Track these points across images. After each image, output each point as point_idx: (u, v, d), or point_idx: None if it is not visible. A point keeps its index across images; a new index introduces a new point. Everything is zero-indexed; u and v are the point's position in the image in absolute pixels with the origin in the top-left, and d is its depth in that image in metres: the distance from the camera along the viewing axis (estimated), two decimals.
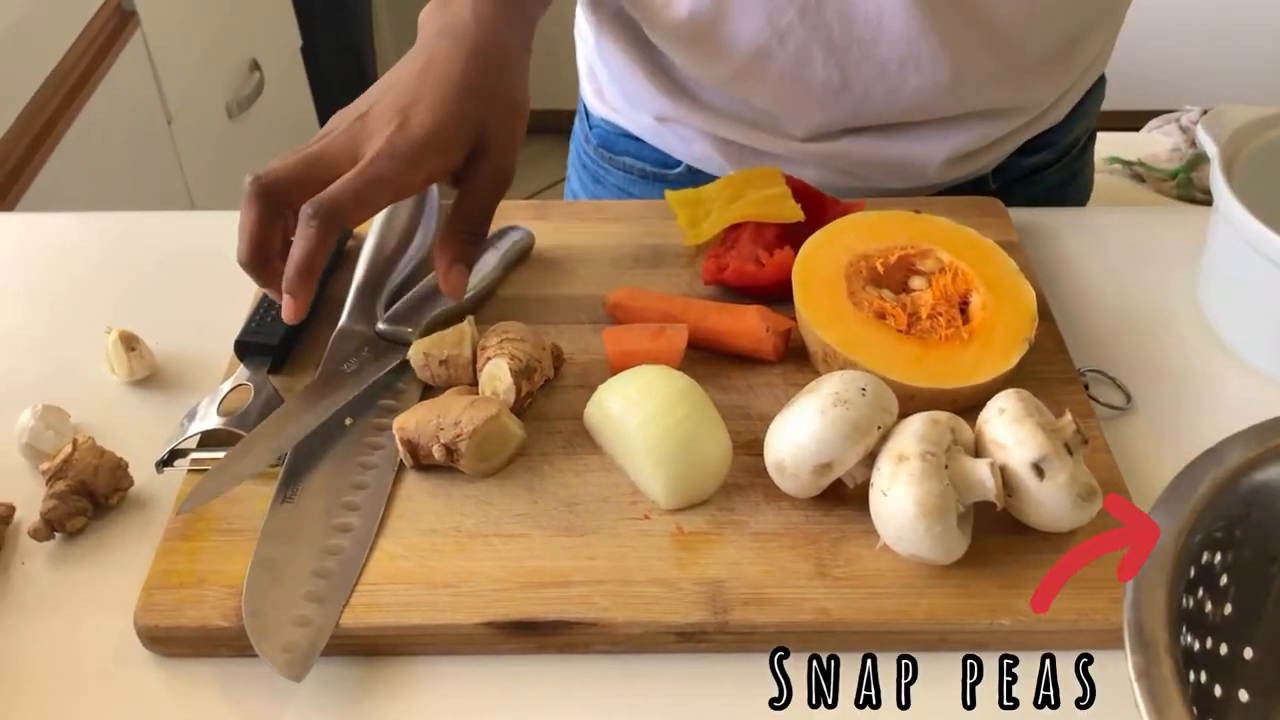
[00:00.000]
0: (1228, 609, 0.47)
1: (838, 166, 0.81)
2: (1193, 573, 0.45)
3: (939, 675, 0.54)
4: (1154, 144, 1.51)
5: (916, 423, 0.55)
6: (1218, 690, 0.46)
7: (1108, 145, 1.51)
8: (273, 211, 0.59)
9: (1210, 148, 0.71)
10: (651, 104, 0.84)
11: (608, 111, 0.89)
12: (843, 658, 0.54)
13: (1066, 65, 0.81)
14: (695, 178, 0.86)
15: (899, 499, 0.53)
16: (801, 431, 0.56)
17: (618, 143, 0.89)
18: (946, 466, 0.54)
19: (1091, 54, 0.83)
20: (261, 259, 0.59)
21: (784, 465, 0.57)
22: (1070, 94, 0.85)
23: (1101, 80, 0.90)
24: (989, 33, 0.75)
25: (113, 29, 1.48)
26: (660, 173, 0.88)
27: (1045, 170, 0.89)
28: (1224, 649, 0.47)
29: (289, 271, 0.58)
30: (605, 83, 0.88)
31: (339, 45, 2.30)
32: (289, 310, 0.59)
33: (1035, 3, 0.74)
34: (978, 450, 0.57)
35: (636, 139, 0.87)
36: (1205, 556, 0.46)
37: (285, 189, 0.59)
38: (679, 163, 0.87)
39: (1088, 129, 0.92)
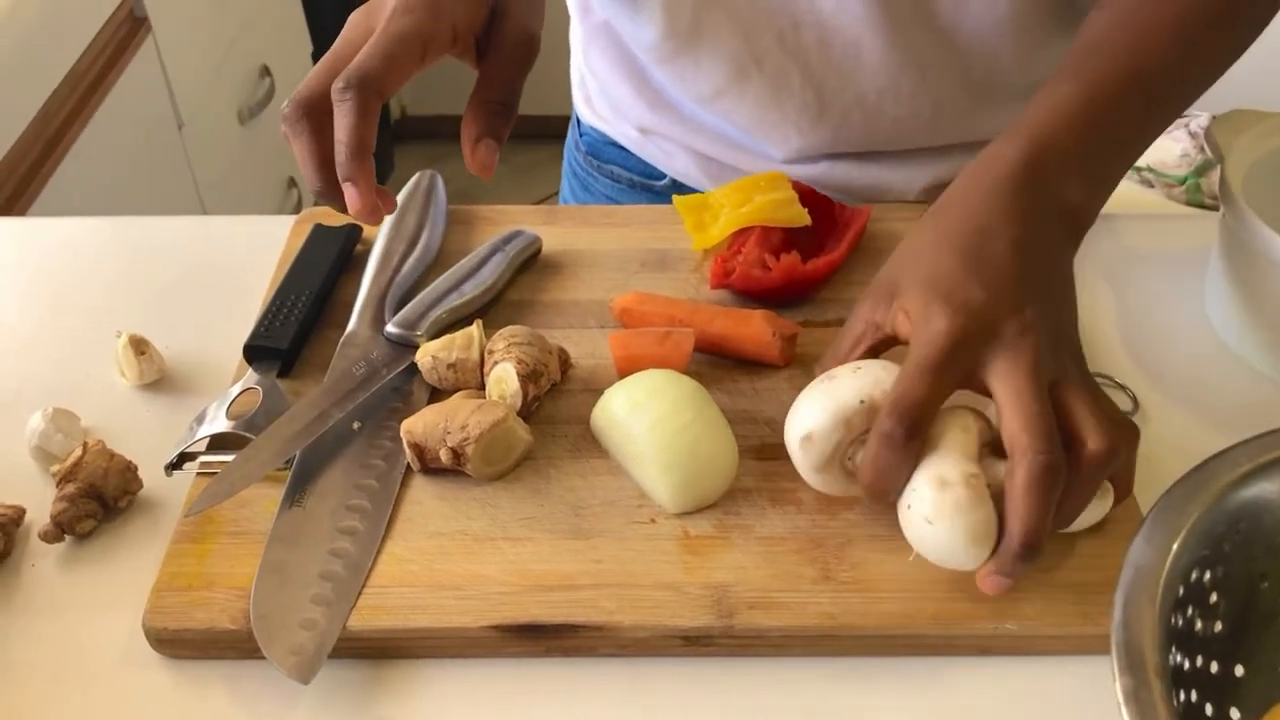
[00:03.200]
0: (1218, 626, 0.47)
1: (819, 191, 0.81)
2: (1181, 591, 0.44)
3: (945, 679, 0.54)
4: (1163, 149, 1.51)
5: (951, 436, 0.53)
6: (1209, 709, 0.46)
7: None
8: (320, 125, 0.56)
9: (1219, 152, 0.70)
10: (635, 115, 0.84)
11: (596, 120, 0.89)
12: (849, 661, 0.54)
13: None
14: (680, 190, 0.86)
15: (947, 530, 0.51)
16: (794, 409, 0.56)
17: (605, 151, 0.90)
18: (989, 485, 0.53)
19: None
20: (332, 179, 0.56)
21: (790, 445, 0.56)
22: None
23: None
24: (969, 68, 0.75)
25: (125, 35, 1.49)
26: (646, 183, 0.88)
27: None
28: (1215, 667, 0.47)
29: (339, 157, 0.54)
30: (594, 92, 0.89)
31: None
32: (354, 202, 0.54)
33: (1018, 40, 0.73)
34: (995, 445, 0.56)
35: (623, 149, 0.88)
36: (1195, 574, 0.45)
37: (319, 95, 0.56)
38: (664, 175, 0.87)
39: None
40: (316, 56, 2.15)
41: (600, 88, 0.87)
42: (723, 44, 0.74)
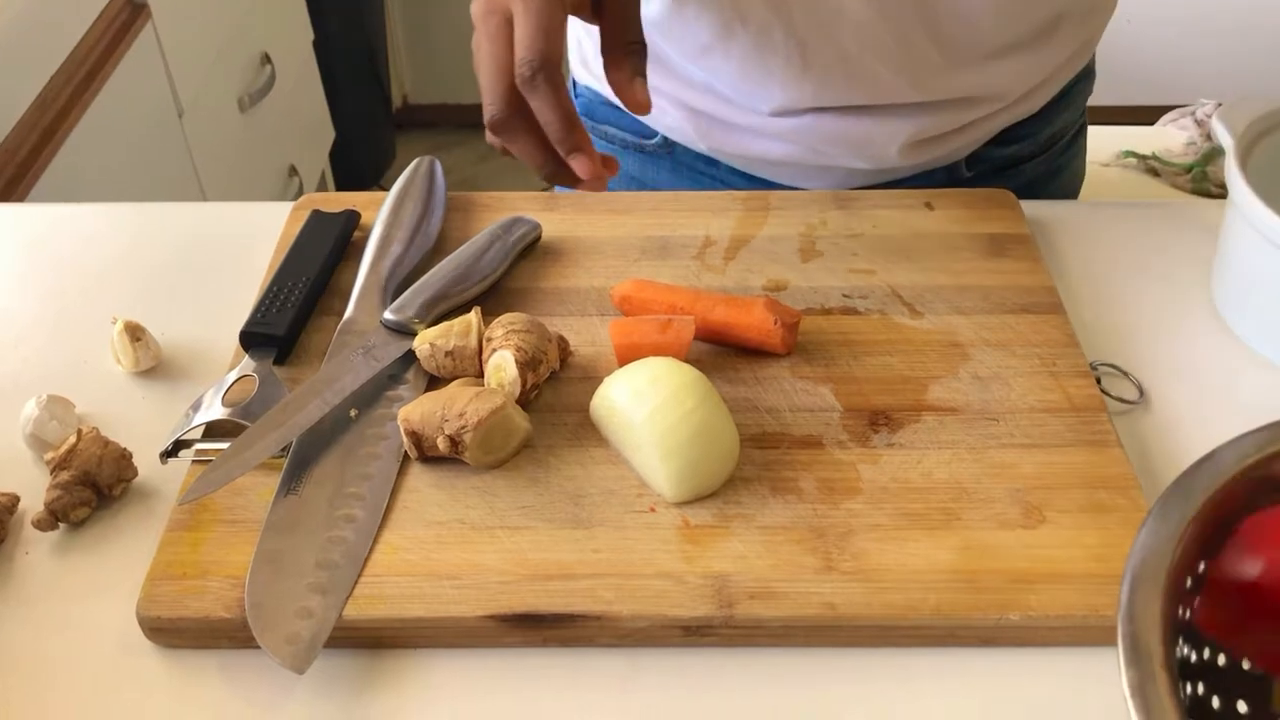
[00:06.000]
0: None
1: (804, 142, 0.81)
2: (1189, 582, 0.44)
3: (948, 670, 0.53)
4: (1169, 138, 1.50)
5: None
6: (1216, 702, 0.46)
7: (1122, 139, 1.50)
8: (527, 121, 0.58)
9: (1226, 139, 0.70)
10: None
11: (590, 79, 0.91)
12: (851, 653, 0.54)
13: (1034, 57, 0.80)
14: (671, 149, 0.88)
15: None
16: None
17: (599, 111, 0.91)
18: None
19: (1068, 49, 0.82)
20: (560, 160, 0.59)
21: None
22: (1046, 86, 0.84)
23: (1088, 74, 0.89)
24: (948, 25, 0.75)
25: (124, 21, 1.48)
26: (639, 142, 0.89)
27: (1024, 163, 0.88)
28: (1222, 659, 0.46)
29: (556, 136, 0.58)
30: (590, 53, 0.90)
31: (351, 39, 2.30)
32: (584, 169, 0.58)
33: (996, 1, 0.74)
34: None
35: (616, 108, 0.89)
36: (1202, 565, 0.45)
37: (507, 97, 0.58)
38: (655, 133, 0.88)
39: (1074, 123, 0.91)
40: (318, 44, 2.14)
41: (595, 46, 0.87)
42: (709, 1, 0.74)
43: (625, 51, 0.61)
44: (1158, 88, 2.15)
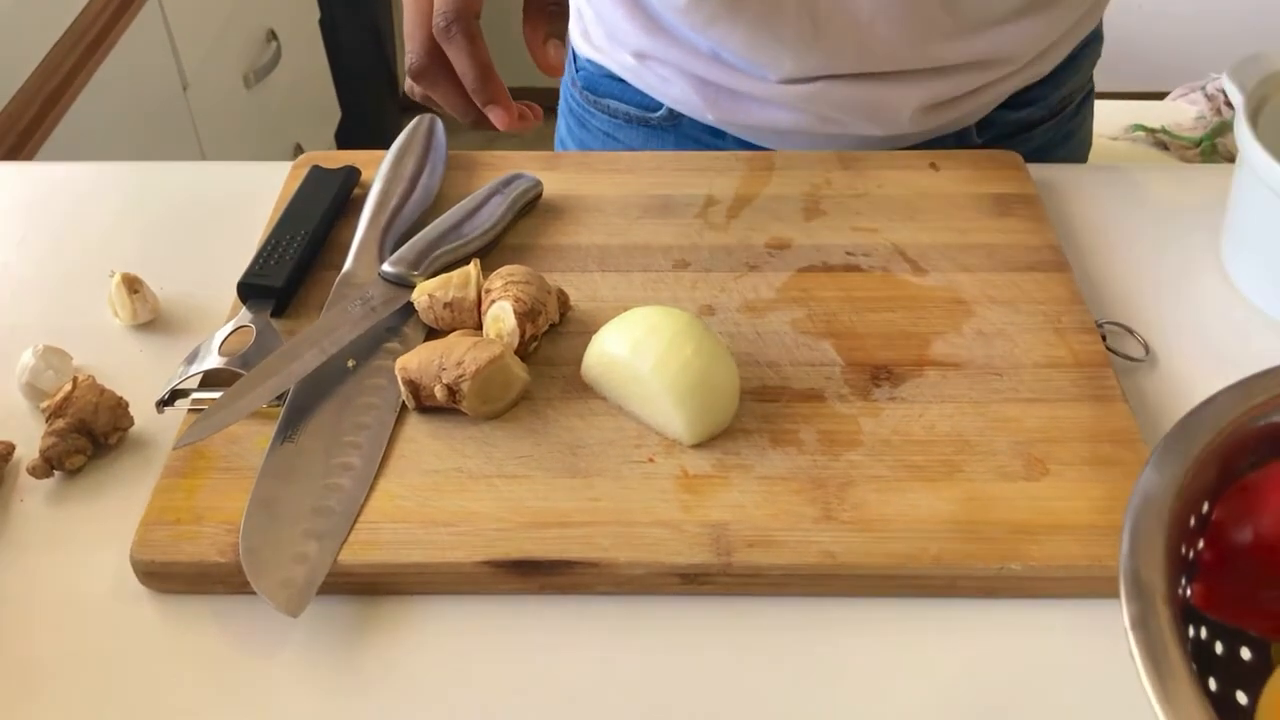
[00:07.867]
0: None
1: (814, 110, 0.80)
2: (1193, 522, 0.43)
3: (948, 621, 0.52)
4: (1178, 112, 1.49)
5: None
6: (1219, 647, 0.45)
7: (1131, 113, 1.49)
8: (446, 71, 0.61)
9: (1236, 95, 0.69)
10: (631, 40, 0.83)
11: (592, 52, 0.89)
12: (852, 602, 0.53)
13: (1045, 20, 0.79)
14: (677, 122, 0.86)
15: None
16: None
17: (601, 84, 0.89)
18: None
19: (1078, 10, 0.81)
20: (478, 110, 0.61)
21: None
22: (1057, 48, 0.83)
23: (1097, 36, 0.88)
24: None
25: None
26: (643, 116, 0.88)
27: (1034, 128, 0.87)
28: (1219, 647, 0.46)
29: (471, 86, 0.60)
30: (590, 22, 0.88)
31: (357, 19, 2.30)
32: (501, 119, 0.60)
33: None
34: None
35: (620, 80, 0.87)
36: (1206, 505, 0.44)
37: (427, 48, 0.61)
38: (660, 105, 0.86)
39: (1082, 86, 0.90)
40: (324, 21, 2.13)
41: (596, 16, 0.86)
42: None
43: (544, 14, 0.62)
44: (1169, 71, 2.14)
